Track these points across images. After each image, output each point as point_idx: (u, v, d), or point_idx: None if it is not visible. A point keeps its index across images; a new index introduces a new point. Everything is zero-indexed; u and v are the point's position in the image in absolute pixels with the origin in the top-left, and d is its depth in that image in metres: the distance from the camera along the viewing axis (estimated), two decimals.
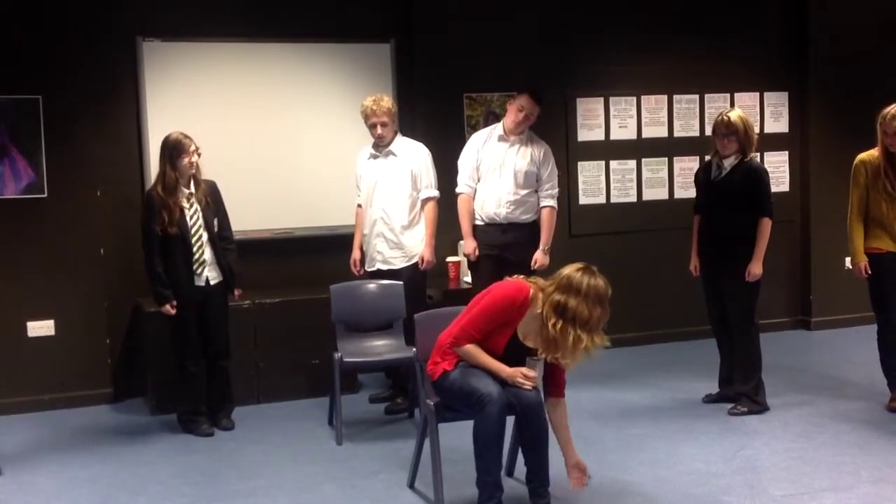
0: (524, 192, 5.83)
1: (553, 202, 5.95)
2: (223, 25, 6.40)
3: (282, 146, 6.55)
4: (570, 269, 3.95)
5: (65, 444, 5.35)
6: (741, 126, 5.38)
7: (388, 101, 5.70)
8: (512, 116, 5.81)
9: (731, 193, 5.41)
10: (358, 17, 6.72)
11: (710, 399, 5.69)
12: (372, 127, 5.69)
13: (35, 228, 5.96)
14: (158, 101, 6.26)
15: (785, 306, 7.73)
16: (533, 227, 5.89)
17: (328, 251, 6.48)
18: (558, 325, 3.87)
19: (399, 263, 5.76)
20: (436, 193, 5.81)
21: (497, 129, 5.91)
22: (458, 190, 5.88)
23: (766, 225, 5.40)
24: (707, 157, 5.70)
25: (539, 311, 3.97)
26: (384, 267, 5.77)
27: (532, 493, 4.09)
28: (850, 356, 6.84)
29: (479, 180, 5.85)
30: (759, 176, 5.44)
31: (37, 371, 6.00)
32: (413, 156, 5.78)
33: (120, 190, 6.23)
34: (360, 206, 5.92)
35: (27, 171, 5.93)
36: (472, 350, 4.05)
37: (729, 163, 5.44)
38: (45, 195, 5.96)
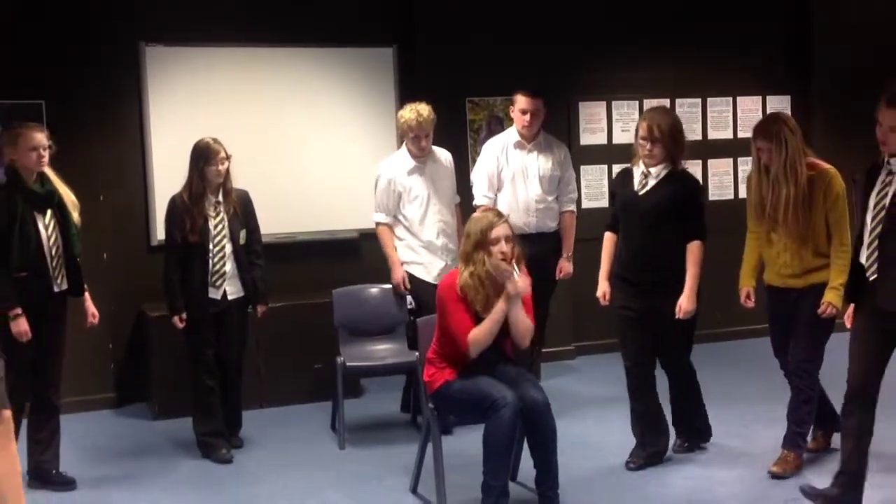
0: (550, 198, 5.70)
1: (574, 206, 5.82)
2: (226, 30, 6.41)
3: (284, 151, 6.55)
4: None
5: (66, 449, 5.32)
6: (668, 130, 4.52)
7: (429, 112, 5.40)
8: (519, 122, 5.60)
9: (661, 209, 4.53)
10: (360, 22, 6.73)
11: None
12: (415, 139, 5.40)
13: None
14: (161, 106, 6.27)
15: None
16: (556, 237, 5.75)
17: (331, 256, 6.48)
18: (476, 263, 4.12)
19: None
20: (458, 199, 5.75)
21: (511, 135, 5.69)
22: (476, 202, 5.63)
23: (701, 250, 4.56)
24: (626, 166, 4.82)
25: (468, 277, 4.14)
26: None
27: (542, 497, 4.09)
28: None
29: (498, 190, 5.64)
30: (697, 191, 4.66)
31: None
32: (449, 162, 5.64)
33: (123, 195, 6.23)
34: (383, 224, 5.50)
35: None
36: (477, 330, 4.10)
37: (657, 172, 4.57)
38: None
